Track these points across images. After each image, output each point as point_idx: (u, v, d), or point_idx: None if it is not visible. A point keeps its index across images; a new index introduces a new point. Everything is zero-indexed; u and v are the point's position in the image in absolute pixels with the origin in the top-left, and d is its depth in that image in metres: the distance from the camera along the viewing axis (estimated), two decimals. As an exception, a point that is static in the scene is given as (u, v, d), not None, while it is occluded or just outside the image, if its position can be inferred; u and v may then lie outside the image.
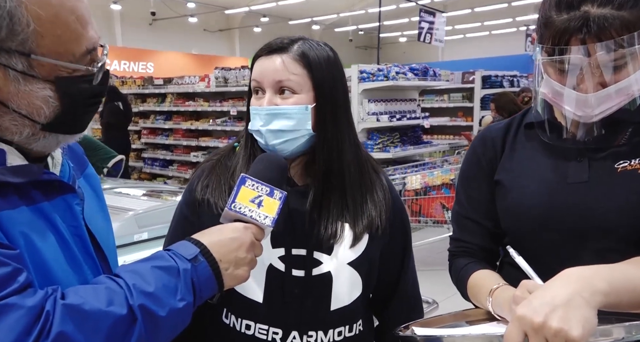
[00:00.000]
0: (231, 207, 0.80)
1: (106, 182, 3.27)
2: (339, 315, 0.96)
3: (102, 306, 0.64)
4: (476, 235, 1.03)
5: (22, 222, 0.68)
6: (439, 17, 7.32)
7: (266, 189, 0.82)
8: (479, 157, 1.03)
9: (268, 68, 0.93)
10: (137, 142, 7.36)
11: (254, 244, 0.80)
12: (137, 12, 14.17)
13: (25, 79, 0.67)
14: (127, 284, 0.68)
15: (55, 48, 0.68)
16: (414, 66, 4.89)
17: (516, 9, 15.00)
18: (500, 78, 7.13)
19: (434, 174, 3.93)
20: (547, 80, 0.85)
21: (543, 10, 0.85)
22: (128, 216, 2.02)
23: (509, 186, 0.96)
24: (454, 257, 1.06)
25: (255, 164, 0.88)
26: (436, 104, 7.56)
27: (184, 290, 0.71)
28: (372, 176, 1.03)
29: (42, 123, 0.71)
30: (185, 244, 0.77)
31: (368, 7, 15.66)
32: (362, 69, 4.54)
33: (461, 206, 1.05)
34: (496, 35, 17.61)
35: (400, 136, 4.80)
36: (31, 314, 0.59)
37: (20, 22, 0.64)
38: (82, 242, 0.78)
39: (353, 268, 0.96)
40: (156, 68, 14.28)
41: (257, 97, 0.96)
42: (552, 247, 0.89)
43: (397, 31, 18.67)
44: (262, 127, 0.92)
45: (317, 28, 18.86)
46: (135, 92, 7.33)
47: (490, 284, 0.90)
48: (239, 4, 15.22)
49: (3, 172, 0.67)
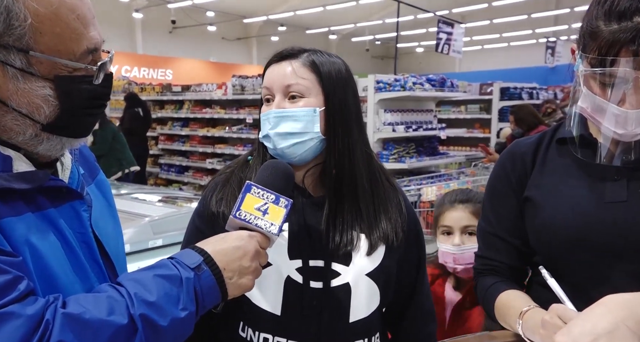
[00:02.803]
0: (236, 215, 0.80)
1: (123, 188, 3.31)
2: (358, 327, 0.95)
3: (103, 315, 0.63)
4: (503, 253, 1.00)
5: (28, 229, 0.68)
6: (457, 28, 7.29)
7: (272, 197, 0.81)
8: (507, 173, 1.00)
9: (277, 74, 0.95)
10: (154, 148, 7.45)
11: (258, 252, 0.79)
12: (157, 20, 14.45)
13: (24, 76, 0.67)
14: (129, 293, 0.67)
15: (54, 46, 0.67)
16: (431, 77, 4.87)
17: (536, 21, 14.86)
18: (519, 90, 7.04)
19: (449, 186, 3.89)
20: (588, 94, 0.82)
21: (588, 19, 0.81)
22: (144, 222, 2.03)
23: (541, 203, 0.93)
24: (480, 275, 1.03)
25: (261, 171, 0.87)
26: (453, 115, 7.50)
27: (186, 299, 0.70)
28: (385, 186, 1.02)
29: (42, 123, 0.70)
30: (189, 252, 0.76)
31: (385, 17, 15.69)
32: (378, 79, 4.53)
33: (488, 222, 1.02)
34: (515, 47, 17.47)
35: (416, 147, 4.76)
36: (30, 323, 0.59)
37: (17, 17, 0.64)
38: (88, 249, 0.77)
39: (371, 279, 0.95)
40: (175, 75, 14.50)
41: (267, 104, 0.96)
42: (583, 267, 0.86)
43: (413, 41, 18.66)
44: (271, 130, 0.92)
45: (334, 38, 18.95)
46: (154, 99, 7.43)
47: (520, 306, 0.87)
48: (257, 13, 15.41)
49: (8, 179, 0.67)
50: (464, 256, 1.36)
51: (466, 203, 1.41)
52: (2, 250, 0.63)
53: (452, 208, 1.42)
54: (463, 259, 1.36)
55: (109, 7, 12.29)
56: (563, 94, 7.40)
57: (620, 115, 0.78)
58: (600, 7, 0.79)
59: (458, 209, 1.41)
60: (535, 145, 0.99)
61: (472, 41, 17.07)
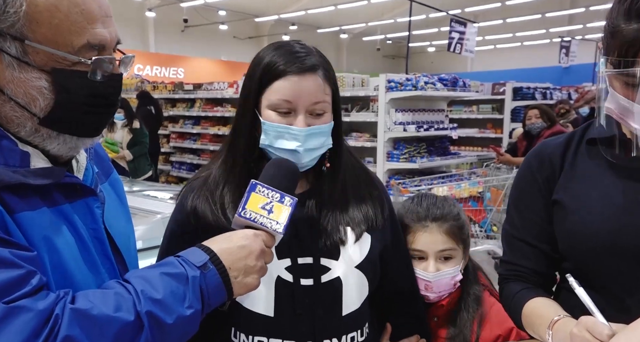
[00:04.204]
0: (241, 213, 0.80)
1: (135, 185, 3.35)
2: (350, 320, 0.96)
3: (110, 311, 0.64)
4: (529, 258, 0.96)
5: (43, 223, 0.69)
6: (470, 27, 7.23)
7: (277, 195, 0.81)
8: (534, 175, 0.96)
9: (304, 89, 0.90)
10: (166, 146, 7.51)
11: (264, 251, 0.79)
12: (170, 20, 14.56)
13: (20, 66, 0.67)
14: (136, 290, 0.67)
15: (52, 37, 0.67)
16: (443, 76, 4.83)
17: (550, 20, 14.69)
18: (533, 90, 6.95)
19: (461, 186, 3.85)
20: (613, 95, 0.80)
21: (610, 19, 0.79)
22: (156, 219, 2.04)
23: (571, 207, 0.90)
24: (506, 281, 1.00)
25: (266, 169, 0.87)
26: (465, 115, 7.43)
27: (192, 297, 0.70)
28: (365, 177, 1.05)
29: (38, 116, 0.70)
30: (195, 251, 0.76)
31: (397, 16, 15.62)
32: (390, 78, 4.51)
33: (513, 226, 0.99)
34: (528, 47, 17.28)
35: (427, 146, 4.73)
36: (41, 317, 0.60)
37: (13, 4, 0.65)
38: (100, 245, 0.78)
39: (360, 271, 0.96)
40: (186, 74, 14.60)
41: (284, 117, 0.91)
42: (616, 274, 0.83)
43: (425, 41, 18.54)
44: (300, 147, 0.91)
45: (345, 37, 18.92)
46: (166, 97, 7.49)
47: (550, 315, 0.84)
48: (268, 12, 15.44)
49: (25, 174, 0.68)
50: (440, 282, 1.12)
51: (440, 221, 1.14)
52: (17, 244, 0.64)
53: (424, 229, 1.14)
54: (438, 287, 1.12)
55: (122, 6, 12.41)
56: (577, 95, 7.30)
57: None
58: (620, 6, 0.77)
59: (432, 231, 1.13)
60: (564, 146, 0.95)
61: (485, 41, 16.92)
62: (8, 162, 0.68)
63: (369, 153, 4.80)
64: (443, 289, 1.14)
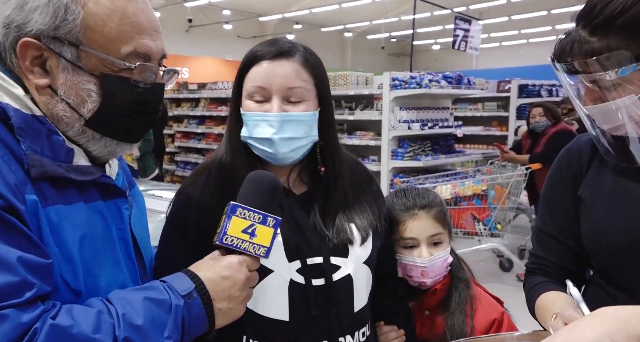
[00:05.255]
0: (222, 240, 0.77)
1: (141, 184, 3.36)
2: (361, 315, 0.97)
3: (89, 332, 0.63)
4: (554, 253, 0.97)
5: (78, 217, 0.72)
6: (475, 24, 7.20)
7: (258, 217, 0.78)
8: (562, 170, 0.97)
9: (277, 74, 0.90)
10: (171, 145, 7.53)
11: (248, 278, 0.79)
12: (174, 19, 14.59)
13: (73, 69, 0.73)
14: (117, 313, 0.67)
15: (103, 43, 0.73)
16: (447, 74, 4.81)
17: (556, 17, 14.57)
18: (538, 87, 6.90)
19: (464, 184, 3.84)
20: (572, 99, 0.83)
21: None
22: (160, 218, 2.04)
23: (592, 204, 0.89)
24: (530, 273, 1.02)
25: (245, 186, 0.82)
26: (470, 113, 7.40)
27: (172, 328, 0.70)
28: (361, 171, 1.06)
29: (85, 118, 0.75)
30: (182, 277, 0.75)
31: (401, 14, 15.57)
32: (394, 77, 4.49)
33: (542, 220, 1.01)
34: (534, 44, 17.16)
35: (432, 145, 4.71)
36: (20, 329, 0.60)
37: (72, 12, 0.70)
38: (125, 245, 0.81)
39: (367, 266, 0.97)
40: (191, 73, 14.63)
41: (255, 102, 0.91)
42: (636, 274, 0.82)
43: (430, 39, 18.48)
44: (275, 135, 0.89)
45: (349, 35, 18.89)
46: (170, 97, 7.51)
47: (555, 309, 0.84)
48: (272, 12, 15.44)
49: (68, 169, 0.72)
50: (435, 266, 1.15)
51: (427, 208, 1.18)
52: (37, 247, 0.64)
53: (413, 217, 1.17)
54: (433, 271, 1.15)
55: (127, 7, 12.44)
56: (583, 92, 7.23)
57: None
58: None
59: (421, 218, 1.17)
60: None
61: (490, 38, 16.84)
62: (55, 156, 0.72)
63: (373, 151, 4.79)
64: (437, 272, 1.17)
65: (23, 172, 0.67)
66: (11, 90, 0.71)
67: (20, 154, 0.68)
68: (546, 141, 4.27)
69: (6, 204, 0.63)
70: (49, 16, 0.70)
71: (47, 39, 0.71)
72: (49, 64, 0.73)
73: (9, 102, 0.71)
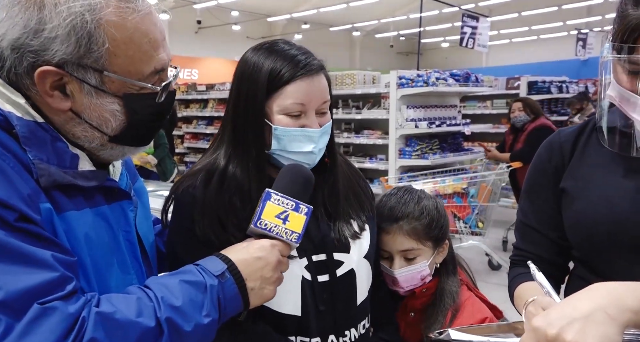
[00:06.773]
0: (257, 224, 0.80)
1: (149, 185, 3.39)
2: (363, 308, 1.00)
3: (132, 316, 0.66)
4: (537, 245, 0.98)
5: (86, 223, 0.73)
6: (483, 21, 7.14)
7: (292, 204, 0.81)
8: (543, 163, 0.97)
9: (315, 90, 0.91)
10: (180, 146, 7.60)
11: (280, 261, 0.80)
12: (184, 21, 14.70)
13: (97, 93, 0.73)
14: (156, 296, 0.69)
15: (126, 67, 0.73)
16: (455, 72, 4.78)
17: (567, 12, 14.38)
18: (548, 84, 6.81)
19: (445, 182, 3.80)
20: (614, 83, 0.78)
21: (621, 4, 0.77)
22: (165, 217, 2.06)
23: (575, 194, 0.90)
24: (513, 265, 1.03)
25: (280, 177, 0.86)
26: (479, 111, 7.34)
27: (210, 306, 0.72)
28: (350, 168, 1.08)
29: (109, 135, 0.76)
30: (213, 260, 0.77)
31: (410, 12, 15.49)
32: (401, 75, 4.48)
33: (524, 213, 1.01)
34: (544, 40, 16.95)
35: (440, 143, 4.69)
36: (70, 320, 0.62)
37: (97, 42, 0.70)
38: (131, 247, 0.82)
39: (367, 260, 1.00)
40: (200, 75, 14.75)
41: (296, 119, 0.90)
42: (619, 263, 0.83)
43: (439, 37, 18.35)
44: (315, 148, 0.92)
45: (358, 34, 18.85)
46: (180, 98, 7.58)
47: (527, 298, 0.85)
48: (280, 12, 15.48)
49: (75, 176, 0.73)
50: (406, 278, 1.13)
51: (401, 221, 1.13)
52: (61, 246, 0.67)
53: (387, 230, 1.14)
54: (405, 282, 1.13)
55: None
56: (595, 87, 7.14)
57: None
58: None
59: (394, 232, 1.13)
60: (577, 134, 0.95)
61: (500, 35, 16.67)
62: (61, 163, 0.72)
63: (380, 150, 4.78)
64: (410, 283, 1.15)
65: (33, 181, 0.68)
66: (11, 97, 0.71)
67: (27, 162, 0.68)
68: (525, 138, 4.23)
69: (22, 215, 0.64)
70: (71, 46, 0.69)
71: (70, 67, 0.70)
72: (70, 88, 0.72)
73: (11, 110, 0.70)
